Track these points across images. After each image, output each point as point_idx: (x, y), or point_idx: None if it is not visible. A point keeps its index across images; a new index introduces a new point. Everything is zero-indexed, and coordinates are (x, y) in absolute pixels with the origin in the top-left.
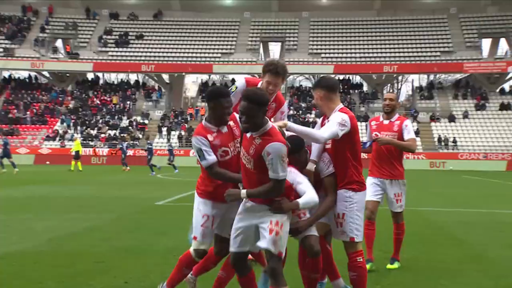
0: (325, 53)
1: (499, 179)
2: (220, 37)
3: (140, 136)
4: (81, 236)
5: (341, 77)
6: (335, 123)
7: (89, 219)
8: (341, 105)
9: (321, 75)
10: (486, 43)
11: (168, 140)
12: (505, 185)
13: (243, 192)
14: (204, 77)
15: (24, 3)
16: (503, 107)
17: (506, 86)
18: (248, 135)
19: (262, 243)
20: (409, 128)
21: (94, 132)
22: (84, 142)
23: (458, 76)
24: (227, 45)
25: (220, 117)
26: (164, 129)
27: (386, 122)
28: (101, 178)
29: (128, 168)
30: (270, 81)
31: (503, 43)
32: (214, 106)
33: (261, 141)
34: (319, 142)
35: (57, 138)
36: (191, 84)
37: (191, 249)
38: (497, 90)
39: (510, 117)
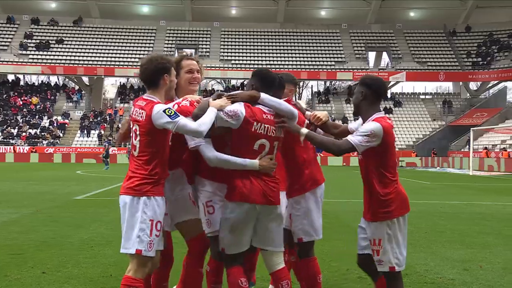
0: (235, 60)
1: None
2: (138, 43)
3: (61, 135)
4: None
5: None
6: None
7: (6, 214)
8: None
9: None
10: (371, 56)
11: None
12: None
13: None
14: (123, 80)
15: None
16: (386, 111)
17: (388, 93)
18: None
19: None
20: None
21: (15, 131)
22: (5, 140)
23: (349, 83)
24: (144, 51)
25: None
26: (84, 129)
27: None
28: (21, 175)
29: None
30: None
31: (385, 56)
32: None
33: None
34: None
35: None
36: (110, 86)
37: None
38: None
39: (392, 120)
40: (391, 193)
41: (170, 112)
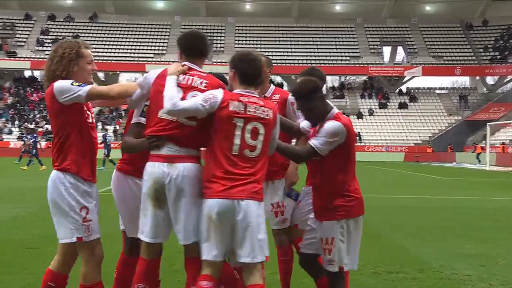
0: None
1: (398, 169)
2: (153, 38)
3: None
4: (9, 224)
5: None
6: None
7: (16, 208)
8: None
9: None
10: (387, 50)
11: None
12: (403, 174)
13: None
14: (138, 75)
15: None
16: (401, 106)
17: (404, 88)
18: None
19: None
20: None
21: (32, 126)
22: (22, 136)
23: (364, 78)
24: (159, 46)
25: None
26: (100, 124)
27: None
28: (36, 170)
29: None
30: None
31: (400, 51)
32: None
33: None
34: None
35: None
36: (125, 82)
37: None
38: (396, 91)
39: (407, 115)
40: (352, 192)
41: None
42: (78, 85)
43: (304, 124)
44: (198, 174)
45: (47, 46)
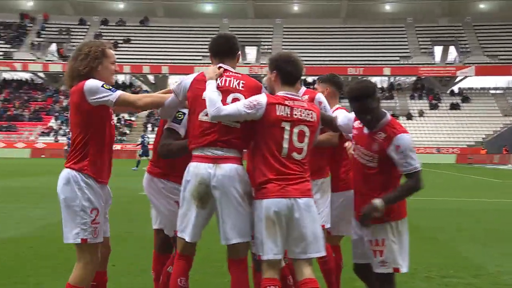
0: (297, 56)
1: (450, 171)
2: (201, 41)
3: (127, 132)
4: None
5: (311, 78)
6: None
7: None
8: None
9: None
10: (438, 50)
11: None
12: (455, 176)
13: (378, 201)
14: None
15: (22, 10)
16: (453, 106)
17: (456, 88)
18: (366, 131)
19: None
20: None
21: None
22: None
23: (414, 78)
24: (207, 48)
25: None
26: (149, 126)
27: None
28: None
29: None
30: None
31: (452, 50)
32: None
33: (385, 135)
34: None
35: (51, 134)
36: (174, 84)
37: None
38: (448, 92)
39: (459, 116)
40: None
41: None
42: (109, 89)
43: (340, 121)
44: (243, 175)
45: None
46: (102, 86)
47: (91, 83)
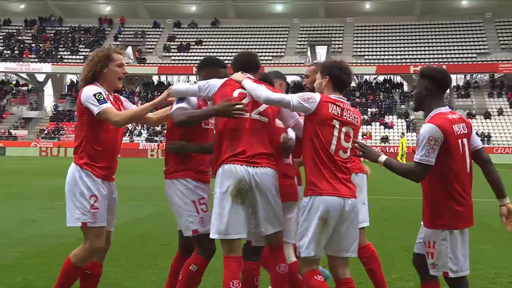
0: (368, 55)
1: None
2: (271, 41)
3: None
4: (146, 221)
5: (383, 77)
6: None
7: (152, 207)
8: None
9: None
10: None
11: None
12: None
13: (383, 157)
14: None
15: (100, 15)
16: None
17: None
18: None
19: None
20: None
21: (158, 128)
22: (150, 137)
23: (491, 76)
24: (277, 48)
25: None
26: None
27: None
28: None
29: None
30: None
31: None
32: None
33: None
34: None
35: (127, 134)
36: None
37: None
38: None
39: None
40: (455, 200)
41: None
42: (99, 100)
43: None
44: (275, 173)
45: (172, 52)
46: (95, 95)
47: (87, 89)
